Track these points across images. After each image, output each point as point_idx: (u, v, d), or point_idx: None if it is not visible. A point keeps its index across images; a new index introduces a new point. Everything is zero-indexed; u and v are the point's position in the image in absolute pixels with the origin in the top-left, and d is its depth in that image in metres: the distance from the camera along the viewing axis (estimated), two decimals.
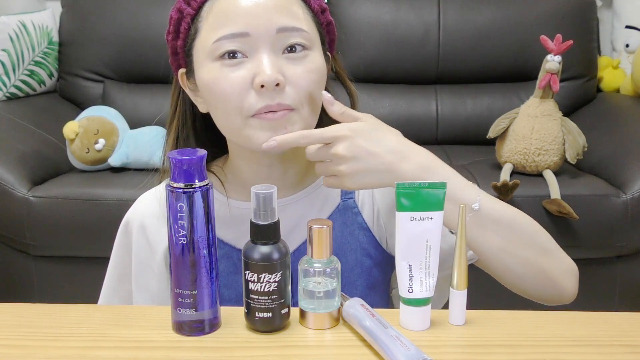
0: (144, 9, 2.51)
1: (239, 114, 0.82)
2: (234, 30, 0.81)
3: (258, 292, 0.72)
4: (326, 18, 0.89)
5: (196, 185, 0.71)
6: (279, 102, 0.81)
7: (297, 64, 0.83)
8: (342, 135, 0.80)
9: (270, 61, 0.81)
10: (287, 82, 0.82)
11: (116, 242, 0.98)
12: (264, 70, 0.80)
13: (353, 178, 0.81)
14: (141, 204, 0.98)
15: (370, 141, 0.80)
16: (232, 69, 0.82)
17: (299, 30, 0.82)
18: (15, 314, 0.80)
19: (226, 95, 0.82)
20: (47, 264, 1.99)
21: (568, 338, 0.73)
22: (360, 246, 0.93)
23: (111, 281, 0.99)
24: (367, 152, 0.80)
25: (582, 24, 2.47)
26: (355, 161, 0.80)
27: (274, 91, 0.81)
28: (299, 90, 0.82)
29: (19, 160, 1.99)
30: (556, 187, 1.87)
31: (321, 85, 0.85)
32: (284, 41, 0.82)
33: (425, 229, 0.73)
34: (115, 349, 0.71)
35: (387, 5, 2.49)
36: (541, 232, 0.86)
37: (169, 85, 1.02)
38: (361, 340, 0.72)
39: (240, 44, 0.81)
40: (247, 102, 0.81)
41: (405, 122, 2.43)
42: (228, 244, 0.93)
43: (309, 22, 0.85)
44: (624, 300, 1.96)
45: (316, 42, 0.86)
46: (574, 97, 2.45)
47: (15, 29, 2.32)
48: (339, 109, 0.83)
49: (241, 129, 0.83)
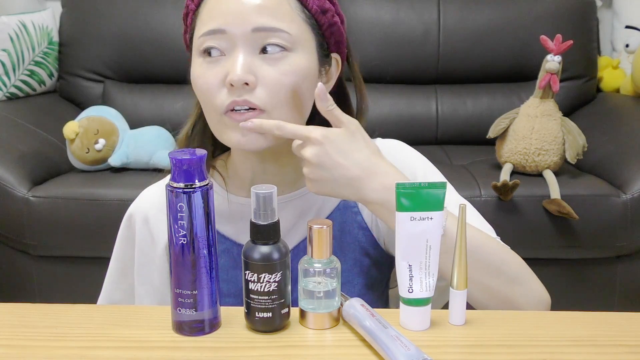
0: (144, 9, 2.51)
1: (213, 111, 0.83)
2: (212, 27, 0.82)
3: (258, 292, 0.72)
4: (328, 19, 0.87)
5: (196, 185, 0.71)
6: (245, 98, 0.81)
7: (272, 65, 0.82)
8: (313, 139, 0.79)
9: (243, 60, 0.80)
10: (258, 82, 0.81)
11: (119, 235, 0.98)
12: (234, 69, 0.80)
13: (314, 183, 0.81)
14: (145, 196, 0.98)
15: (339, 152, 0.79)
16: (210, 66, 0.83)
17: (277, 31, 0.81)
18: (16, 314, 0.80)
19: (203, 92, 0.83)
20: (47, 264, 1.99)
21: (568, 338, 0.73)
22: (359, 245, 0.93)
23: (113, 274, 0.99)
24: (334, 162, 0.79)
25: (582, 24, 2.47)
26: (319, 168, 0.80)
27: (242, 90, 0.81)
28: (270, 92, 0.81)
29: (19, 160, 1.99)
30: (556, 187, 1.87)
31: (302, 88, 0.84)
32: (260, 41, 0.81)
33: (425, 229, 0.73)
34: (115, 349, 0.71)
35: (387, 5, 2.49)
36: (512, 260, 0.84)
37: (169, 85, 1.02)
38: (361, 340, 0.72)
39: (219, 40, 0.82)
40: (219, 99, 0.82)
41: (405, 122, 2.43)
42: (229, 239, 0.94)
43: (298, 24, 0.83)
44: (624, 300, 1.96)
45: (302, 43, 0.84)
46: (574, 97, 2.45)
47: (15, 29, 2.33)
48: (327, 105, 0.81)
49: (216, 125, 0.84)
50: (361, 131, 0.82)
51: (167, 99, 2.47)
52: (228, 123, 0.82)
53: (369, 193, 0.80)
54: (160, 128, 2.21)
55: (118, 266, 0.99)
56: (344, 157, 0.79)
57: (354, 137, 0.80)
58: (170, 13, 2.49)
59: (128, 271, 0.98)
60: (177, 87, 2.48)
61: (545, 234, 1.88)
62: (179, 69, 2.47)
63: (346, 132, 0.80)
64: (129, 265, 0.97)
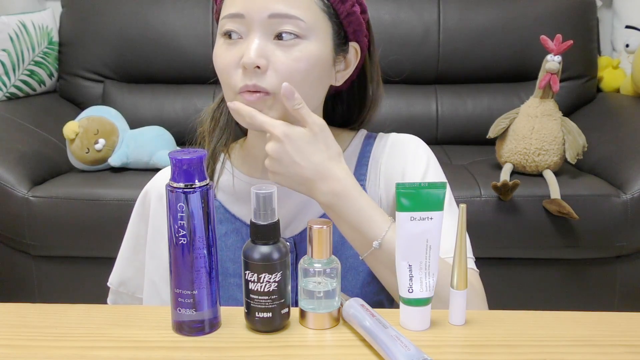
0: (144, 9, 2.51)
1: (229, 89, 0.87)
2: (232, 11, 0.85)
3: (258, 292, 0.72)
4: (347, 8, 0.89)
5: (196, 185, 0.71)
6: (255, 83, 0.84)
7: (284, 51, 0.84)
8: (275, 135, 0.83)
9: (257, 44, 0.84)
10: (270, 66, 0.84)
11: (134, 212, 1.01)
12: (248, 53, 0.83)
13: (273, 175, 0.85)
14: (161, 175, 1.01)
15: (297, 151, 0.82)
16: (229, 47, 0.86)
17: (293, 18, 0.84)
18: (16, 314, 0.80)
19: (221, 71, 0.87)
20: (47, 264, 1.99)
21: (568, 338, 0.73)
22: None
23: (126, 251, 1.01)
24: (291, 160, 0.82)
25: (582, 24, 2.47)
26: (276, 163, 0.84)
27: (254, 73, 0.84)
28: (281, 77, 0.84)
29: (19, 160, 1.99)
30: (556, 187, 1.87)
31: (311, 74, 0.86)
32: (275, 27, 0.84)
33: (425, 229, 0.73)
34: (115, 349, 0.71)
35: (387, 5, 2.49)
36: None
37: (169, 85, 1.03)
38: (361, 340, 0.72)
39: (238, 24, 0.85)
40: (234, 80, 0.85)
41: (405, 122, 2.43)
42: (239, 219, 0.96)
43: (313, 11, 0.86)
44: (624, 300, 1.96)
45: (317, 31, 0.86)
46: (574, 97, 2.45)
47: (15, 29, 2.32)
48: (294, 105, 0.83)
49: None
50: (324, 133, 0.84)
51: (167, 99, 2.47)
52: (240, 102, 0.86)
53: (318, 195, 0.84)
54: (160, 128, 2.21)
55: (131, 243, 1.01)
56: (301, 157, 0.82)
57: (315, 138, 0.83)
58: (170, 13, 2.49)
59: (140, 248, 1.00)
60: (177, 87, 2.48)
61: (545, 234, 1.88)
62: (179, 69, 2.49)
63: (308, 133, 0.83)
64: (142, 243, 0.99)
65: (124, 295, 1.03)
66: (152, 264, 0.98)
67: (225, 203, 0.97)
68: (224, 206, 0.96)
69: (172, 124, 2.29)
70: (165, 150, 2.08)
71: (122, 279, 1.02)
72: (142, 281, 1.00)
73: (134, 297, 1.02)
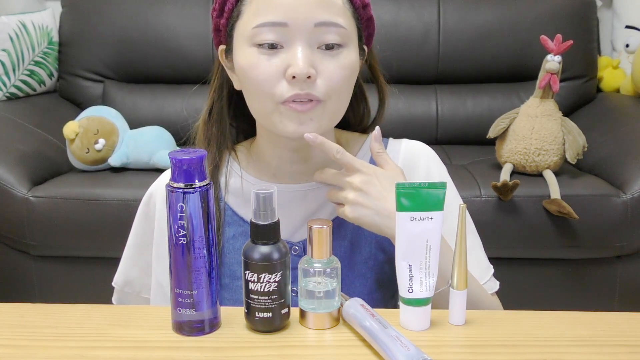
0: (144, 9, 2.51)
1: (270, 100, 0.85)
2: (273, 19, 0.83)
3: (258, 292, 0.72)
4: (367, 13, 0.92)
5: (196, 185, 0.71)
6: (308, 92, 0.84)
7: (330, 59, 0.85)
8: (364, 172, 0.86)
9: (304, 54, 0.83)
10: (318, 75, 0.84)
11: (138, 213, 1.01)
12: (297, 63, 0.83)
13: (354, 207, 0.85)
14: (165, 177, 1.01)
15: (384, 187, 0.85)
16: (267, 57, 0.85)
17: (337, 26, 0.85)
18: (15, 314, 0.80)
19: (259, 82, 0.85)
20: (47, 264, 1.99)
21: (568, 338, 0.73)
22: (375, 239, 0.95)
23: (130, 250, 1.01)
24: (378, 193, 0.85)
25: (582, 24, 2.46)
26: (363, 195, 0.85)
27: (304, 82, 0.83)
28: (329, 85, 0.85)
29: (19, 160, 1.99)
30: (556, 187, 1.87)
31: (351, 81, 0.89)
32: (320, 36, 0.84)
33: (425, 229, 0.73)
34: (115, 349, 0.71)
35: (387, 5, 2.49)
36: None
37: (169, 85, 1.03)
38: (361, 340, 0.72)
39: (278, 33, 0.84)
40: (279, 90, 0.84)
41: (405, 122, 2.43)
42: (247, 222, 0.95)
43: (348, 18, 0.87)
44: (624, 300, 1.96)
45: (352, 37, 0.88)
46: (574, 97, 2.45)
47: (15, 29, 2.32)
48: (378, 148, 0.89)
49: (270, 114, 0.87)
50: (404, 176, 0.89)
51: (167, 99, 2.47)
52: (285, 112, 0.85)
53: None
54: (160, 128, 2.20)
55: (135, 242, 1.01)
56: (387, 193, 0.85)
57: (398, 178, 0.87)
58: (170, 13, 2.49)
59: (145, 248, 1.00)
60: (177, 87, 2.48)
61: (545, 234, 1.88)
62: (179, 69, 2.49)
63: (392, 173, 0.88)
64: (147, 243, 0.99)
65: (129, 294, 1.03)
66: (159, 266, 0.97)
67: (233, 206, 0.97)
68: (232, 209, 0.97)
69: (172, 124, 2.29)
70: (165, 150, 2.08)
71: (127, 279, 1.02)
72: (147, 281, 1.00)
73: (139, 297, 1.02)
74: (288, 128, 0.86)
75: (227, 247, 0.94)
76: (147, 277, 1.00)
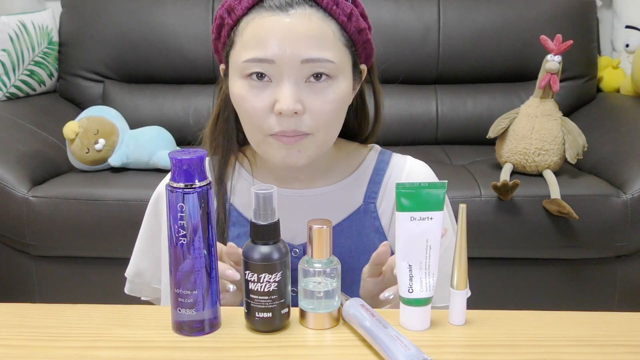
0: (144, 9, 2.51)
1: (259, 132, 0.88)
2: (260, 56, 0.84)
3: (258, 292, 0.72)
4: (363, 37, 0.91)
5: (196, 185, 0.71)
6: (294, 129, 0.85)
7: (318, 94, 0.86)
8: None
9: (291, 90, 0.84)
10: (305, 110, 0.85)
11: (148, 209, 1.04)
12: (284, 99, 0.84)
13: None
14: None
15: None
16: (256, 91, 0.86)
17: (324, 61, 0.85)
18: (15, 314, 0.80)
19: (249, 115, 0.87)
20: (47, 264, 1.99)
21: (568, 338, 0.73)
22: (374, 248, 0.94)
23: (141, 244, 1.05)
24: None
25: (582, 24, 2.46)
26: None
27: (292, 118, 0.85)
28: (317, 119, 0.86)
29: (19, 160, 1.99)
30: (556, 187, 1.87)
31: (342, 111, 0.90)
32: (307, 71, 0.85)
33: (425, 229, 0.73)
34: (115, 349, 0.71)
35: (387, 5, 2.49)
36: None
37: (169, 85, 1.04)
38: (361, 340, 0.72)
39: (266, 68, 0.85)
40: (267, 124, 0.86)
41: (405, 122, 2.43)
42: None
43: (339, 49, 0.87)
44: (624, 300, 1.96)
45: (343, 68, 0.88)
46: (574, 97, 2.45)
47: (15, 29, 2.32)
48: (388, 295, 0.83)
49: (260, 143, 0.89)
50: None
51: (167, 99, 2.47)
52: (273, 143, 0.88)
53: None
54: (160, 128, 2.20)
55: (146, 235, 1.04)
56: None
57: None
58: (170, 13, 2.49)
59: (154, 241, 1.03)
60: (177, 87, 2.48)
61: (545, 234, 1.88)
62: (179, 69, 2.49)
63: None
64: (156, 236, 1.02)
65: (140, 284, 1.07)
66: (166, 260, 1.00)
67: (239, 207, 0.99)
68: (238, 209, 0.99)
69: (172, 124, 2.29)
70: (165, 150, 2.08)
71: (137, 271, 1.06)
72: (156, 272, 1.04)
73: (150, 287, 1.06)
74: (276, 158, 0.88)
75: None
76: (156, 268, 1.03)
